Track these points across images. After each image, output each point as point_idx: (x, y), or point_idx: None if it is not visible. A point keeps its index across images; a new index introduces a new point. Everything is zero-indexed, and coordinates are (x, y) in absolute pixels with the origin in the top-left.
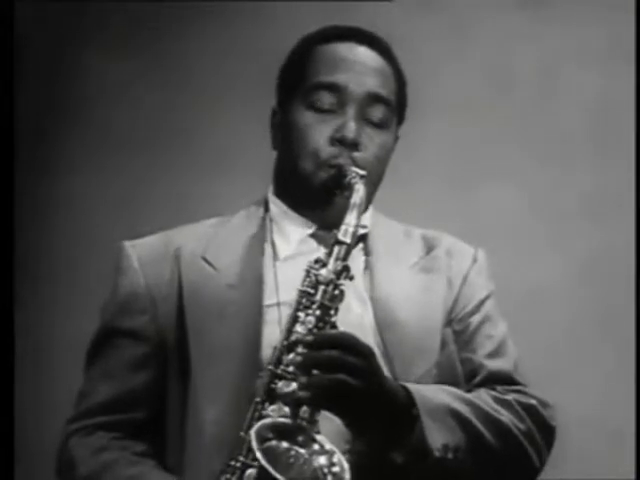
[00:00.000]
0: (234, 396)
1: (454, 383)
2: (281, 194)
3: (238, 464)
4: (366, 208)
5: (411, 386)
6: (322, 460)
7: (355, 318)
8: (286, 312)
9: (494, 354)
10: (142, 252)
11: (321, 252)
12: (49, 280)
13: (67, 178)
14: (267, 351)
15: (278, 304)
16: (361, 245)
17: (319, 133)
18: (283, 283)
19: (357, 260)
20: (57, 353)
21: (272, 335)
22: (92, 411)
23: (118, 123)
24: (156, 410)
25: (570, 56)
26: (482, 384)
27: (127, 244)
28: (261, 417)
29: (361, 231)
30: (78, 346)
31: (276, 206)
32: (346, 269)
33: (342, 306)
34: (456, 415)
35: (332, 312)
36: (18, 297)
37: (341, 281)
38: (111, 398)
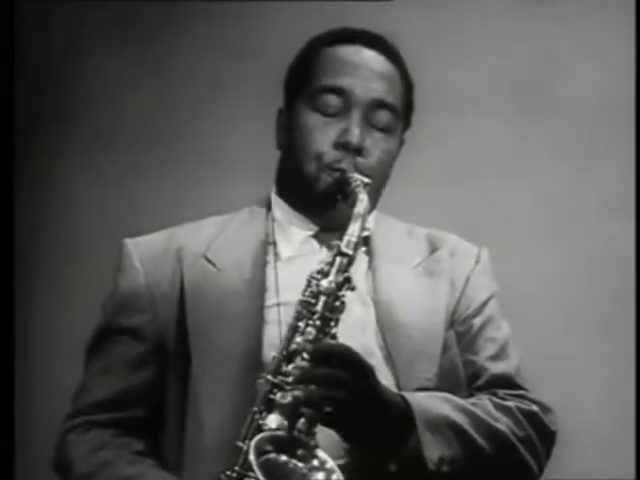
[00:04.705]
0: (234, 397)
1: (456, 386)
2: (284, 195)
3: (234, 474)
4: (370, 212)
5: (410, 396)
6: (320, 477)
7: (357, 320)
8: (286, 312)
9: (496, 357)
10: (144, 250)
11: (323, 257)
12: (49, 279)
13: (67, 177)
14: (268, 352)
15: (278, 304)
16: (364, 247)
17: (323, 136)
18: (283, 283)
19: (360, 262)
20: (57, 352)
21: (272, 335)
22: (90, 408)
23: (119, 123)
24: (155, 409)
25: (570, 55)
26: (484, 387)
27: (128, 242)
28: (259, 426)
29: (364, 233)
30: (78, 345)
31: (279, 207)
32: (348, 280)
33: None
34: (454, 427)
35: (332, 323)
36: (18, 296)
37: (342, 292)
38: (109, 395)
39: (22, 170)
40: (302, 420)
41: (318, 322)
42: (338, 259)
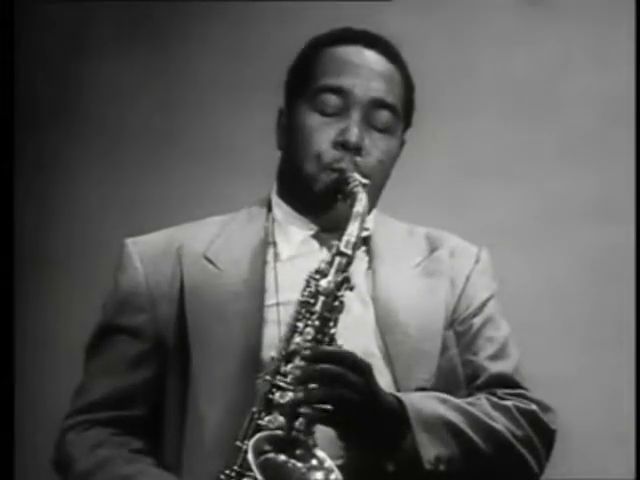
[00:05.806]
0: (234, 396)
1: (455, 386)
2: (284, 195)
3: (233, 473)
4: (369, 211)
5: (405, 397)
6: (319, 476)
7: (357, 320)
8: (285, 312)
9: (496, 356)
10: (144, 250)
11: (322, 257)
12: (49, 279)
13: (68, 177)
14: (267, 350)
15: (277, 304)
16: (364, 246)
17: (323, 136)
18: (283, 283)
19: (360, 261)
20: (57, 352)
21: (272, 335)
22: (89, 407)
23: (120, 123)
24: (154, 408)
25: (571, 56)
26: (483, 387)
27: (129, 241)
28: (257, 427)
29: (364, 233)
30: (78, 345)
31: (279, 207)
32: (346, 280)
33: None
34: (450, 426)
35: (331, 323)
36: (18, 296)
37: (341, 292)
38: (108, 394)
39: (22, 170)
40: (301, 420)
41: (317, 322)
42: (337, 259)
